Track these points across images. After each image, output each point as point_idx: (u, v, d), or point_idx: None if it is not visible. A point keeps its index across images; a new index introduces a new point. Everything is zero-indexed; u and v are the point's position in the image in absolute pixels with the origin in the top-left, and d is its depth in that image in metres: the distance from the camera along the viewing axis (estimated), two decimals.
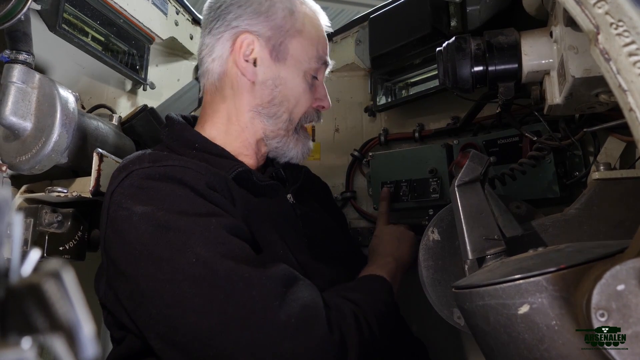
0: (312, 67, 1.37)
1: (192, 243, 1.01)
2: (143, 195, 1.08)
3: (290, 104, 1.35)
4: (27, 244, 1.33)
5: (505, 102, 1.20)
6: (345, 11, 7.48)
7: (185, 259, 1.00)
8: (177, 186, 1.10)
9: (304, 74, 1.36)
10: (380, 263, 1.38)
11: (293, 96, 1.35)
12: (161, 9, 1.92)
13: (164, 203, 1.06)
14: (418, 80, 1.97)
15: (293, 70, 1.35)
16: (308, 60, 1.36)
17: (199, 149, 1.29)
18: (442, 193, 1.68)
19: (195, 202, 1.09)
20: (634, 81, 0.62)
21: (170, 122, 1.37)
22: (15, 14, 1.16)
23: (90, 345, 0.34)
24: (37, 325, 0.34)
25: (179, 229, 1.03)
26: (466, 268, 1.03)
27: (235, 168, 1.24)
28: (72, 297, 0.35)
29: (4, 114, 1.22)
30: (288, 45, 1.34)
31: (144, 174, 1.11)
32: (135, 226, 1.04)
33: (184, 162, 1.16)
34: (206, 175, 1.15)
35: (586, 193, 1.13)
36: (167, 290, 0.99)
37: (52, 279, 0.35)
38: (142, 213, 1.05)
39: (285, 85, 1.34)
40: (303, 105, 1.37)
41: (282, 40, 1.33)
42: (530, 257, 0.81)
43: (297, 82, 1.35)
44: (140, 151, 1.24)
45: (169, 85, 2.06)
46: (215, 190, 1.15)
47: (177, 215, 1.05)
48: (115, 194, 1.11)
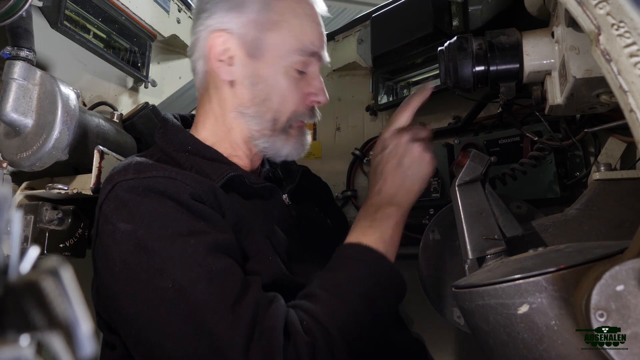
0: (296, 61, 1.27)
1: (169, 267, 1.00)
2: (125, 212, 1.07)
3: (274, 102, 1.28)
4: (28, 241, 1.33)
5: (506, 102, 1.20)
6: (347, 10, 7.46)
7: (161, 284, 0.99)
8: (160, 201, 1.08)
9: (285, 70, 1.27)
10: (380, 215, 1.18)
11: (276, 94, 1.27)
12: (163, 6, 1.92)
13: (145, 221, 1.04)
14: (419, 80, 1.96)
15: (272, 66, 1.27)
16: (289, 54, 1.26)
17: (192, 152, 1.27)
18: (442, 192, 1.68)
19: (177, 218, 1.06)
20: (634, 82, 0.62)
21: (164, 123, 1.36)
22: (17, 10, 1.16)
23: (88, 343, 0.34)
24: (35, 323, 0.34)
25: (157, 252, 1.01)
26: (466, 267, 1.03)
27: (227, 173, 1.22)
28: (70, 294, 0.35)
29: (5, 111, 1.22)
30: (264, 40, 1.27)
31: (127, 186, 1.10)
32: (117, 243, 1.04)
33: (169, 172, 1.13)
34: (192, 185, 1.12)
35: (586, 193, 1.13)
36: (144, 313, 0.99)
37: (50, 277, 0.35)
38: (123, 231, 1.04)
39: (265, 83, 1.28)
40: (290, 103, 1.29)
41: (257, 35, 1.27)
42: (530, 257, 0.81)
43: (278, 79, 1.27)
44: (129, 159, 1.22)
45: (170, 83, 2.06)
46: (202, 201, 1.12)
47: (156, 235, 1.03)
48: (103, 206, 1.11)
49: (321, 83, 1.34)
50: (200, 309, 0.97)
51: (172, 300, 0.98)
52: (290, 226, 1.33)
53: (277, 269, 1.16)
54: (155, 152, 1.30)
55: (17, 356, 0.33)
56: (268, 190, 1.33)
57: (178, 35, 2.02)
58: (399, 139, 1.24)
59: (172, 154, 1.27)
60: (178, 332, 0.97)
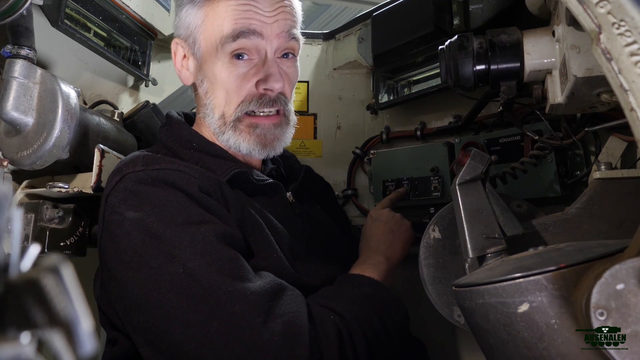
0: (227, 50, 1.22)
1: (180, 253, 1.01)
2: (135, 201, 1.08)
3: (218, 98, 1.27)
4: (28, 240, 1.33)
5: (507, 101, 1.20)
6: (348, 9, 7.46)
7: (172, 269, 1.00)
8: (169, 191, 1.09)
9: (221, 62, 1.24)
10: (372, 262, 1.31)
11: (218, 89, 1.26)
12: (163, 5, 1.91)
13: (155, 209, 1.06)
14: (420, 79, 1.96)
15: (208, 61, 1.26)
16: (219, 44, 1.23)
17: (197, 149, 1.28)
18: (443, 191, 1.68)
19: (187, 208, 1.08)
20: (635, 81, 0.62)
21: (169, 120, 1.37)
22: (17, 9, 1.16)
23: (89, 341, 0.34)
24: (35, 321, 0.35)
25: (168, 238, 1.02)
26: (467, 266, 1.03)
27: (232, 169, 1.23)
28: (71, 292, 0.35)
29: (6, 109, 1.22)
30: (198, 38, 1.27)
31: (136, 177, 1.11)
32: (127, 232, 1.05)
33: (177, 165, 1.15)
34: (199, 179, 1.14)
35: (587, 192, 1.12)
36: (154, 299, 1.00)
37: (51, 274, 0.35)
38: (133, 219, 1.05)
39: (208, 80, 1.28)
40: (234, 95, 1.25)
41: (194, 36, 1.28)
42: (531, 255, 0.81)
43: (216, 72, 1.25)
44: (136, 152, 1.23)
45: (171, 82, 2.06)
46: (209, 194, 1.14)
47: (166, 223, 1.04)
48: (110, 197, 1.11)
49: (272, 67, 1.25)
50: (214, 291, 0.98)
51: (183, 285, 0.99)
52: (294, 224, 1.33)
53: (281, 266, 1.16)
54: (160, 148, 1.31)
55: (17, 354, 0.33)
56: (272, 187, 1.33)
57: None
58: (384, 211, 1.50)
59: (177, 150, 1.28)
60: (188, 317, 0.97)
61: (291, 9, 1.29)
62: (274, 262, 1.16)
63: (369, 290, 1.19)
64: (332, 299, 1.13)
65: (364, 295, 1.16)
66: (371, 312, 1.12)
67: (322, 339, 1.00)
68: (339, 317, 1.06)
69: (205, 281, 0.99)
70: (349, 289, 1.19)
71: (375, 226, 1.45)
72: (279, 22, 1.24)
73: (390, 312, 1.17)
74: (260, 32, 1.22)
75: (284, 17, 1.26)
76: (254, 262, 1.12)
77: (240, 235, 1.14)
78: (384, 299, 1.18)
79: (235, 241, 1.11)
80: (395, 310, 1.19)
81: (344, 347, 1.02)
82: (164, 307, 0.99)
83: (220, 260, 1.03)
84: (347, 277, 1.26)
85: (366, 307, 1.13)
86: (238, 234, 1.13)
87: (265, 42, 1.24)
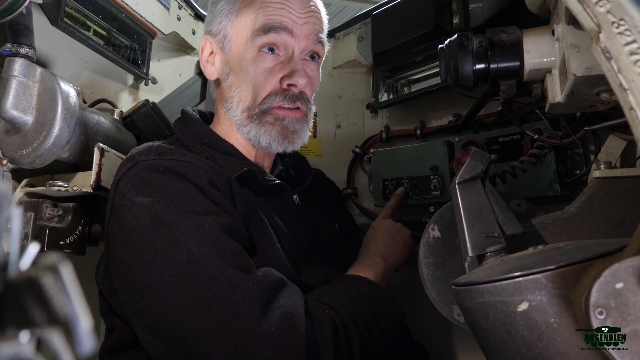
0: (258, 43, 1.26)
1: (185, 240, 1.02)
2: (145, 187, 1.09)
3: (244, 90, 1.28)
4: (28, 238, 1.33)
5: (506, 100, 1.20)
6: (348, 8, 7.47)
7: (177, 255, 1.01)
8: (180, 180, 1.11)
9: (250, 56, 1.27)
10: (369, 262, 1.34)
11: (244, 82, 1.28)
12: (163, 3, 1.91)
13: (164, 196, 1.08)
14: (420, 78, 1.96)
15: (237, 55, 1.29)
16: (249, 38, 1.27)
17: (208, 145, 1.31)
18: (443, 190, 1.69)
19: (195, 198, 1.09)
20: (634, 80, 0.62)
21: (184, 115, 1.40)
22: (17, 7, 1.16)
23: (88, 339, 0.34)
24: (35, 319, 0.35)
25: (175, 225, 1.04)
26: (466, 265, 1.03)
27: (240, 167, 1.25)
28: (70, 291, 0.35)
29: (5, 108, 1.22)
30: (229, 32, 1.31)
31: (148, 165, 1.13)
32: (135, 216, 1.06)
33: (189, 157, 1.17)
34: (209, 172, 1.16)
35: (587, 191, 1.12)
36: (157, 283, 1.01)
37: (50, 273, 0.35)
38: (142, 204, 1.07)
39: (234, 73, 1.30)
40: (261, 89, 1.27)
41: (225, 30, 1.32)
42: (530, 254, 0.81)
43: (244, 66, 1.27)
44: (150, 142, 1.25)
45: (170, 80, 2.06)
46: (217, 188, 1.16)
47: (175, 210, 1.06)
48: (120, 183, 1.13)
49: (297, 64, 1.28)
50: (217, 278, 0.99)
51: (186, 271, 1.00)
52: (298, 226, 1.35)
53: (282, 266, 1.17)
54: (173, 141, 1.33)
55: (16, 352, 0.33)
56: (279, 188, 1.34)
57: (178, 32, 2.02)
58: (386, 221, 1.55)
59: (189, 144, 1.30)
60: (189, 302, 0.98)
61: (320, 15, 1.35)
62: (275, 260, 1.17)
63: (364, 290, 1.20)
64: (328, 295, 1.16)
65: (359, 294, 1.18)
66: (365, 310, 1.14)
67: (317, 331, 1.02)
68: (334, 312, 1.08)
69: (209, 268, 1.00)
70: (345, 288, 1.21)
71: (375, 233, 1.50)
72: (309, 24, 1.29)
73: (385, 311, 1.18)
74: (290, 30, 1.26)
75: (314, 21, 1.31)
76: (256, 260, 1.13)
77: (245, 231, 1.15)
78: (378, 298, 1.20)
79: (240, 235, 1.12)
80: (390, 310, 1.20)
81: (339, 340, 1.04)
82: (165, 291, 0.99)
83: (225, 250, 1.04)
84: (344, 277, 1.28)
85: (361, 305, 1.14)
86: (242, 229, 1.15)
87: (294, 41, 1.28)
